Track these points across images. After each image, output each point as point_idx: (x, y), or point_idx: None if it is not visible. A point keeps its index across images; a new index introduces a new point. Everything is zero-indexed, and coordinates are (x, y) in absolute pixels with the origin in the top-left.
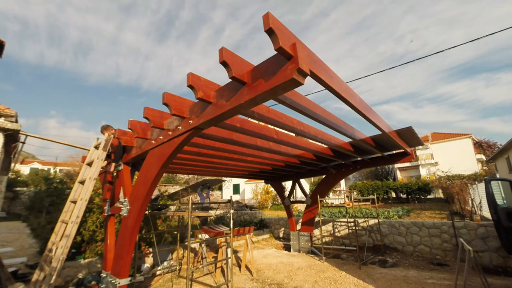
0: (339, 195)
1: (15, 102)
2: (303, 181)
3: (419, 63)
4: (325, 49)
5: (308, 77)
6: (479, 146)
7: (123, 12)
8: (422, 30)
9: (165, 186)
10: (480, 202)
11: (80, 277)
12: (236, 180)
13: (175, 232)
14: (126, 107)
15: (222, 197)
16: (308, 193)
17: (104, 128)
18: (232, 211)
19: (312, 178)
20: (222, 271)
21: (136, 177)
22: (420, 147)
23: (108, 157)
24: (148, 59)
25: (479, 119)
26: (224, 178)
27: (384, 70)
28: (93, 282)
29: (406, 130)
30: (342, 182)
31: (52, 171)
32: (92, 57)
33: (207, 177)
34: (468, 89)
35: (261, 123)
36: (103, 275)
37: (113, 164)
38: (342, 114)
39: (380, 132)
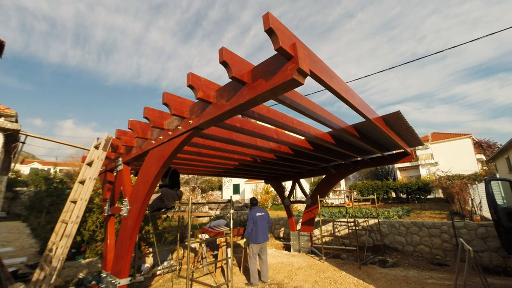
0: (339, 195)
1: (34, 102)
2: (303, 181)
3: (437, 63)
4: (348, 49)
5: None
6: (479, 146)
7: (153, 11)
8: (444, 30)
9: None
10: (480, 202)
11: (80, 277)
12: (236, 180)
13: (174, 232)
14: (142, 106)
15: (222, 197)
16: (308, 193)
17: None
18: (232, 211)
19: (312, 178)
20: (222, 271)
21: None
22: (420, 147)
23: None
24: (170, 59)
25: (489, 119)
26: (224, 178)
27: (384, 70)
28: (93, 282)
29: (393, 116)
30: (342, 182)
31: (52, 171)
32: (115, 58)
33: (207, 177)
34: (482, 89)
35: (261, 123)
36: (103, 275)
37: None
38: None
39: (384, 132)
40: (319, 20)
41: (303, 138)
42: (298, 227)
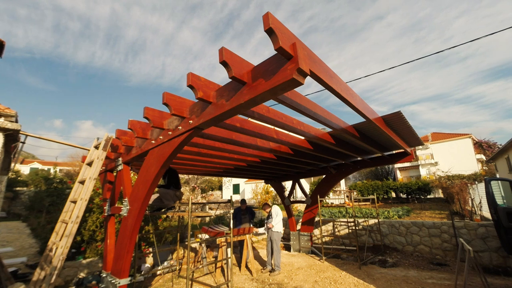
0: (339, 195)
1: (56, 102)
2: (303, 181)
3: (459, 63)
4: (374, 50)
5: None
6: (479, 146)
7: (187, 11)
8: (471, 31)
9: None
10: (480, 202)
11: (81, 276)
12: (236, 180)
13: (174, 232)
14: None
15: (222, 197)
16: (308, 193)
17: None
18: (232, 211)
19: (312, 178)
20: (222, 271)
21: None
22: (420, 147)
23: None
24: (196, 59)
25: (501, 119)
26: (224, 178)
27: (384, 70)
28: (93, 282)
29: (393, 116)
30: (342, 182)
31: (52, 171)
32: (141, 58)
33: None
34: (498, 89)
35: (261, 123)
36: (103, 275)
37: None
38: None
39: (384, 132)
40: (349, 21)
41: (303, 138)
42: (298, 227)
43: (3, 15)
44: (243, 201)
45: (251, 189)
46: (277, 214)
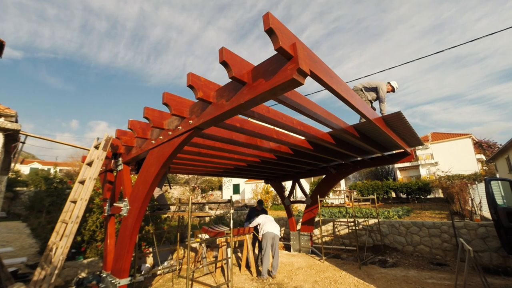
0: (339, 195)
1: (74, 103)
2: (303, 181)
3: (477, 64)
4: (395, 50)
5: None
6: (479, 146)
7: (216, 11)
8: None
9: (165, 186)
10: (480, 202)
11: (81, 276)
12: (236, 180)
13: (175, 232)
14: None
15: (222, 197)
16: (308, 193)
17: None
18: (232, 211)
19: (312, 178)
20: (222, 270)
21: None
22: (420, 147)
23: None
24: (218, 59)
25: (511, 119)
26: (224, 178)
27: (384, 70)
28: (93, 282)
29: (393, 116)
30: (342, 182)
31: (52, 171)
32: (163, 58)
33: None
34: None
35: (261, 123)
36: (103, 275)
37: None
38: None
39: (384, 132)
40: (374, 23)
41: (303, 138)
42: (298, 227)
43: (32, 15)
44: (260, 202)
45: (251, 189)
46: (270, 220)
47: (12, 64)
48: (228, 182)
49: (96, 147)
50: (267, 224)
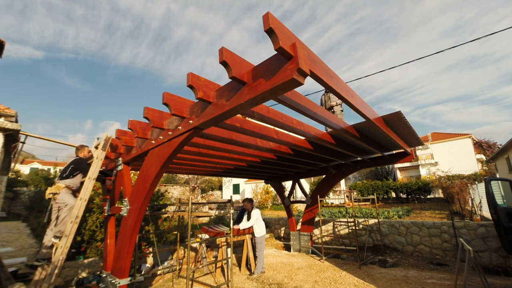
0: (339, 195)
1: (91, 103)
2: (303, 181)
3: (493, 64)
4: (414, 50)
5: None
6: (479, 146)
7: (242, 11)
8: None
9: (165, 186)
10: (480, 202)
11: (81, 276)
12: (236, 180)
13: (175, 232)
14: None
15: (222, 197)
16: (308, 193)
17: (78, 149)
18: (232, 211)
19: (312, 178)
20: (222, 270)
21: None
22: (420, 147)
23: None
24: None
25: None
26: (224, 178)
27: (384, 70)
28: (93, 282)
29: (393, 116)
30: (342, 182)
31: (52, 171)
32: (183, 58)
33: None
34: None
35: (261, 123)
36: (103, 275)
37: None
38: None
39: (384, 132)
40: (395, 25)
41: (303, 138)
42: (298, 227)
43: (59, 15)
44: (250, 200)
45: (251, 189)
46: (257, 218)
47: (32, 64)
48: (228, 182)
49: (96, 147)
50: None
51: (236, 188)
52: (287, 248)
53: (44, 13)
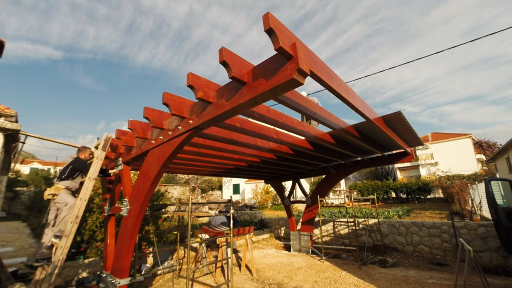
0: (339, 195)
1: (105, 103)
2: (303, 181)
3: (506, 64)
4: (430, 51)
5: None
6: (479, 146)
7: (265, 11)
8: None
9: (165, 186)
10: (480, 202)
11: (81, 276)
12: (236, 180)
13: (175, 232)
14: None
15: (222, 197)
16: (308, 193)
17: (79, 150)
18: (232, 211)
19: (312, 178)
20: (222, 270)
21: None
22: (420, 147)
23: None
24: (253, 60)
25: None
26: (224, 178)
27: (384, 70)
28: (93, 282)
29: (393, 116)
30: (342, 182)
31: (52, 171)
32: (201, 58)
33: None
34: None
35: (261, 123)
36: (103, 275)
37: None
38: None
39: (384, 132)
40: (414, 26)
41: (303, 138)
42: (298, 227)
43: (82, 15)
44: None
45: (251, 189)
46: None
47: (50, 64)
48: (228, 182)
49: (96, 147)
50: None
51: (236, 188)
52: (287, 248)
53: (67, 13)
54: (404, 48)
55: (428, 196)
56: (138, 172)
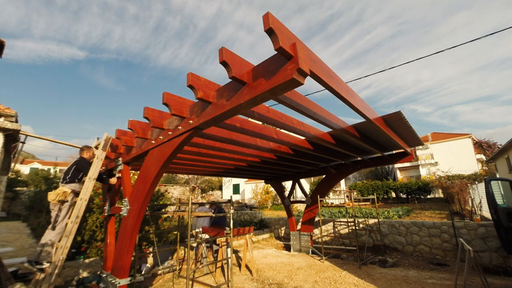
0: (339, 195)
1: (125, 103)
2: (303, 181)
3: None
4: (449, 53)
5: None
6: (479, 146)
7: (293, 11)
8: None
9: (165, 186)
10: (480, 202)
11: (81, 276)
12: (236, 180)
13: (175, 232)
14: None
15: (222, 197)
16: (308, 193)
17: (82, 150)
18: (232, 211)
19: (312, 178)
20: (222, 270)
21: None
22: (420, 147)
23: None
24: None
25: None
26: (224, 178)
27: (384, 70)
28: (93, 282)
29: (393, 116)
30: (342, 182)
31: (52, 171)
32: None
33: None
34: None
35: (261, 123)
36: (103, 275)
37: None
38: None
39: (384, 132)
40: (436, 28)
41: (303, 138)
42: (298, 227)
43: (112, 15)
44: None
45: (251, 189)
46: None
47: (73, 64)
48: (228, 182)
49: (96, 147)
50: None
51: (236, 188)
52: (287, 248)
53: (96, 13)
54: (425, 48)
55: (428, 196)
56: (138, 172)
